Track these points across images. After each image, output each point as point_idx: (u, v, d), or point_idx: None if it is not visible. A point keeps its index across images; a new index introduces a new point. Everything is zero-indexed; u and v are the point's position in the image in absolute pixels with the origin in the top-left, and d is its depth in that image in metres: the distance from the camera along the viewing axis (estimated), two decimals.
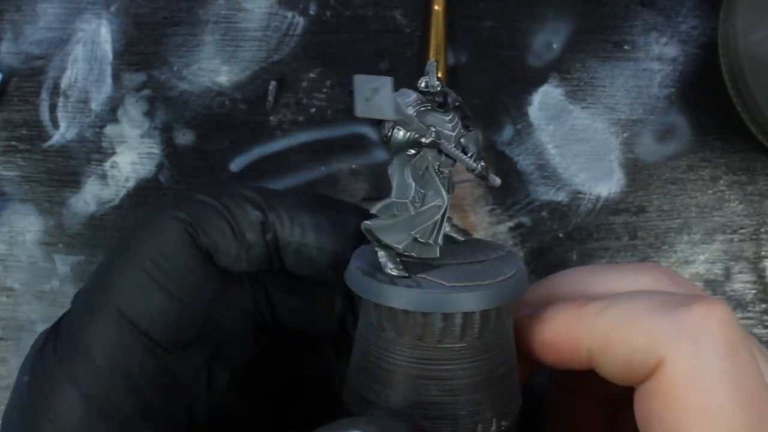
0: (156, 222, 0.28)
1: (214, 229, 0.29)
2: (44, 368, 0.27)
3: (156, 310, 0.27)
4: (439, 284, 0.25)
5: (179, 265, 0.28)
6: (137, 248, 0.28)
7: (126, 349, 0.27)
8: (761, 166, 0.43)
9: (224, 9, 0.44)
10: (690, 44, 0.43)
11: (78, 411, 0.26)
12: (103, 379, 0.27)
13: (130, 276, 0.28)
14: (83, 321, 0.27)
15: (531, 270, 0.43)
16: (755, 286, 0.43)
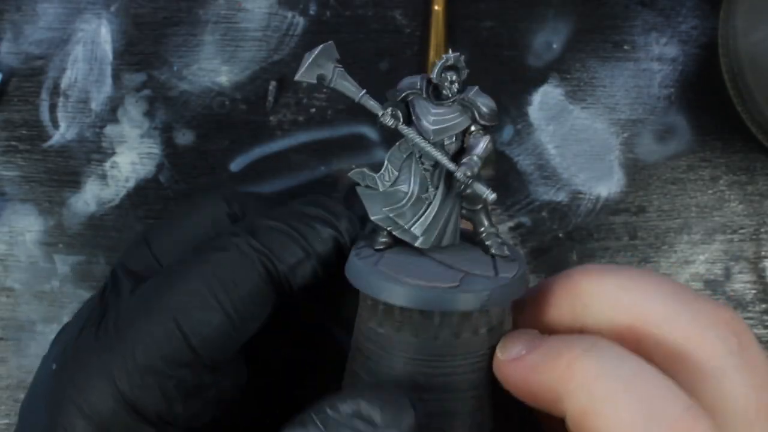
0: (230, 245, 0.29)
1: (289, 256, 0.29)
2: (79, 356, 0.28)
3: (210, 330, 0.28)
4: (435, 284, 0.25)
5: (245, 292, 0.28)
6: (207, 267, 0.28)
7: (171, 358, 0.27)
8: (761, 166, 0.43)
9: (224, 9, 0.44)
10: (690, 44, 0.43)
11: (109, 404, 0.27)
12: (140, 380, 0.27)
13: (196, 291, 0.28)
14: (135, 318, 0.28)
15: (531, 270, 0.43)
16: (755, 286, 0.43)
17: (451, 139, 0.27)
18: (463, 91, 0.27)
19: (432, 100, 0.27)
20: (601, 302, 0.26)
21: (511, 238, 0.43)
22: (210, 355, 0.28)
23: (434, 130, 0.27)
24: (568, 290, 0.27)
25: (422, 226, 0.27)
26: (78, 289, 0.44)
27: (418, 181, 0.27)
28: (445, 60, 0.27)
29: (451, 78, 0.27)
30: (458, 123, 0.27)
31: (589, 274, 0.27)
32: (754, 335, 0.25)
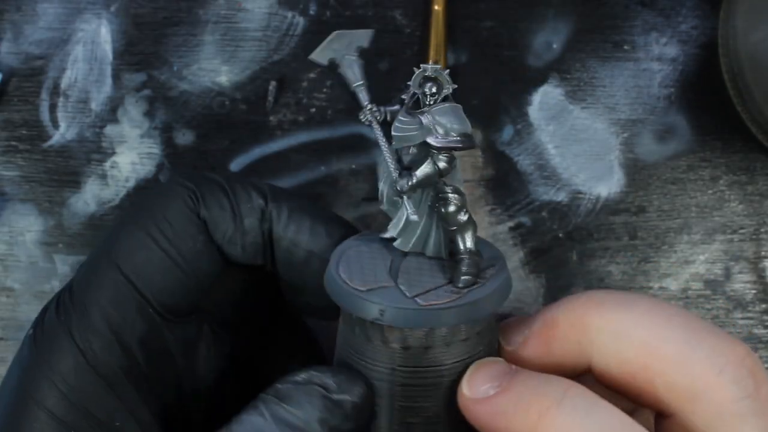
0: (163, 187, 0.29)
1: (214, 203, 0.29)
2: (45, 323, 0.28)
3: (153, 270, 0.28)
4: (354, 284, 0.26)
5: (180, 230, 0.29)
6: (143, 210, 0.29)
7: (120, 304, 0.27)
8: (761, 166, 0.43)
9: (224, 9, 0.44)
10: (690, 44, 0.43)
11: (70, 363, 0.27)
12: (96, 332, 0.27)
13: (132, 235, 0.28)
14: (85, 277, 0.28)
15: (531, 270, 0.43)
16: (755, 286, 0.43)
17: (411, 149, 0.26)
18: (439, 104, 0.26)
19: (407, 107, 0.27)
20: (609, 338, 0.25)
21: (511, 238, 0.43)
22: (159, 299, 0.28)
23: (393, 137, 0.26)
24: (573, 324, 0.26)
25: (395, 227, 0.28)
26: None
27: (389, 182, 0.27)
28: (422, 70, 0.26)
29: (429, 89, 0.26)
30: (413, 135, 0.26)
31: (596, 306, 0.26)
32: (766, 372, 0.24)
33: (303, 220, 0.30)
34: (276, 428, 0.25)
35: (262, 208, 0.30)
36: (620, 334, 0.25)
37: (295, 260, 0.30)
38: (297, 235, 0.30)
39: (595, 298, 0.26)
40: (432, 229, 0.28)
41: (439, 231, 0.28)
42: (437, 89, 0.26)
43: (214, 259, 0.30)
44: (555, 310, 0.27)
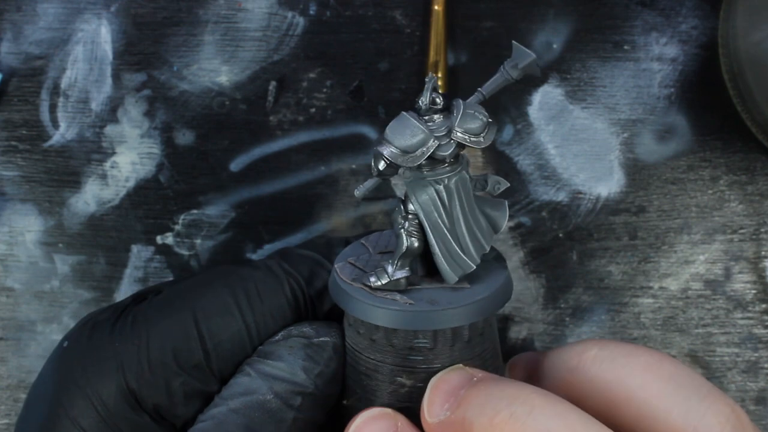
0: (263, 265, 0.29)
1: (319, 281, 0.30)
2: (93, 340, 0.28)
3: (225, 336, 0.28)
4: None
5: (267, 308, 0.29)
6: (237, 275, 0.29)
7: (182, 356, 0.28)
8: (761, 166, 0.43)
9: (224, 9, 0.44)
10: (690, 44, 0.43)
11: (112, 389, 0.27)
12: (148, 372, 0.27)
13: (219, 295, 0.28)
14: (155, 314, 0.28)
15: (531, 270, 0.43)
16: (755, 286, 0.43)
17: None
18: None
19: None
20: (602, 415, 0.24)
21: (511, 238, 0.43)
22: (220, 363, 0.28)
23: None
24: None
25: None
26: (78, 289, 0.44)
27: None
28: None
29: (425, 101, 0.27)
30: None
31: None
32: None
33: None
34: (263, 383, 0.26)
35: None
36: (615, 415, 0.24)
37: None
38: None
39: (514, 421, 0.22)
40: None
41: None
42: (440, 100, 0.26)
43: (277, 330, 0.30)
44: (474, 411, 0.24)
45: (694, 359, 0.43)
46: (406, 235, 0.26)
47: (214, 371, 0.28)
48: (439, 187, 0.26)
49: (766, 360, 0.43)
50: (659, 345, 0.43)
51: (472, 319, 0.26)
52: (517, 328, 0.43)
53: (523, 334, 0.43)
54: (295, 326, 0.27)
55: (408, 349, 0.26)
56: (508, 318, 0.43)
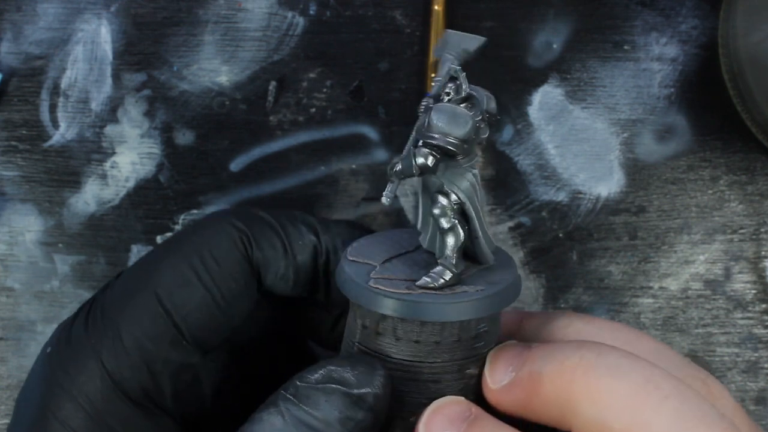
0: (213, 224, 0.29)
1: (266, 244, 0.29)
2: (71, 340, 0.28)
3: (193, 307, 0.28)
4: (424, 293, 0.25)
5: (226, 271, 0.29)
6: (189, 244, 0.29)
7: (155, 336, 0.28)
8: (761, 166, 0.43)
9: (224, 9, 0.44)
10: (690, 44, 0.43)
11: (97, 386, 0.27)
12: (127, 359, 0.27)
13: (177, 268, 0.28)
14: (120, 301, 0.28)
15: (531, 270, 0.43)
16: (755, 286, 0.43)
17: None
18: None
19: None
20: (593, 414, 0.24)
21: (511, 238, 0.43)
22: (194, 333, 0.28)
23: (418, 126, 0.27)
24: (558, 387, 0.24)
25: (418, 221, 0.28)
26: (78, 289, 0.44)
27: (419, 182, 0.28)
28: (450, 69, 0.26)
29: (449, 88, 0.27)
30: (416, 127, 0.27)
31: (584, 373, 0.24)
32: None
33: None
34: (295, 430, 0.24)
35: (314, 243, 0.30)
36: (605, 412, 0.23)
37: None
38: None
39: (586, 361, 0.24)
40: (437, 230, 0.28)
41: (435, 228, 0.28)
42: (456, 90, 0.26)
43: (252, 298, 0.30)
44: (542, 362, 0.25)
45: (694, 359, 0.43)
46: (460, 225, 0.26)
47: (191, 343, 0.28)
48: (474, 172, 0.26)
49: (766, 360, 0.43)
50: None
51: (518, 294, 0.27)
52: None
53: None
54: (337, 365, 0.25)
55: (473, 338, 0.26)
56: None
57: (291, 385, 0.25)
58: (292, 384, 0.25)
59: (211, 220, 0.30)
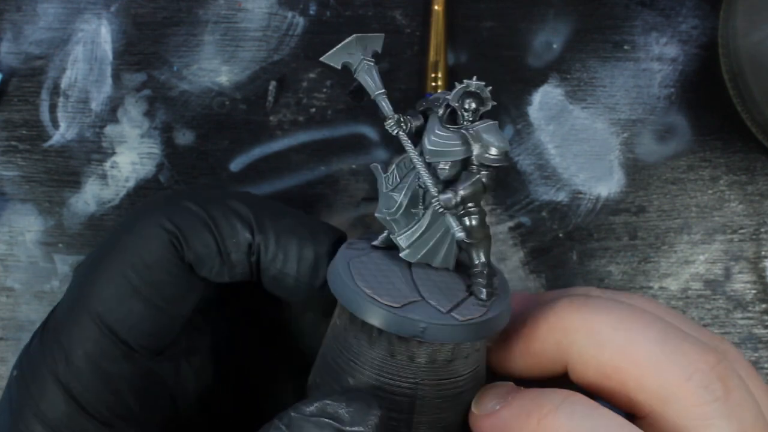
0: (142, 228, 0.28)
1: (199, 244, 0.28)
2: (30, 363, 0.28)
3: (135, 319, 0.27)
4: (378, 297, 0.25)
5: (162, 276, 0.28)
6: (121, 254, 0.28)
7: (104, 353, 0.27)
8: (761, 166, 0.43)
9: (224, 9, 0.44)
10: (690, 44, 0.43)
11: (61, 407, 0.27)
12: (84, 380, 0.27)
13: (112, 283, 0.27)
14: (64, 322, 0.28)
15: (531, 270, 0.43)
16: (755, 286, 0.43)
17: (446, 164, 0.26)
18: (479, 120, 0.26)
19: (443, 121, 0.26)
20: (587, 341, 0.26)
21: (511, 238, 0.43)
22: (142, 344, 0.28)
23: (429, 151, 0.26)
24: (553, 325, 0.27)
25: (408, 239, 0.27)
26: None
27: (409, 194, 0.27)
28: (465, 85, 0.26)
29: (469, 105, 0.26)
30: (455, 151, 0.26)
31: (577, 309, 0.27)
32: (740, 379, 0.25)
33: (290, 246, 0.29)
34: None
35: (249, 241, 0.29)
36: (597, 338, 0.26)
37: (283, 285, 0.29)
38: (285, 265, 0.29)
39: (576, 302, 0.27)
40: (446, 241, 0.27)
41: (452, 243, 0.27)
42: (477, 105, 0.26)
43: (197, 293, 0.29)
44: (536, 308, 0.28)
45: None
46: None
47: (144, 354, 0.28)
48: None
49: (766, 360, 0.43)
50: None
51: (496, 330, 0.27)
52: None
53: None
54: (333, 400, 0.25)
55: (429, 363, 0.26)
56: None
57: (285, 415, 0.25)
58: (286, 414, 0.25)
59: (139, 222, 0.28)
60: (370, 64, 0.26)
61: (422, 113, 0.27)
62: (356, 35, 0.26)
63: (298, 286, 0.29)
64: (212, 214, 0.29)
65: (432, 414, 0.26)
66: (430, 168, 0.26)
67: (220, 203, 0.29)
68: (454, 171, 0.26)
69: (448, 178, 0.26)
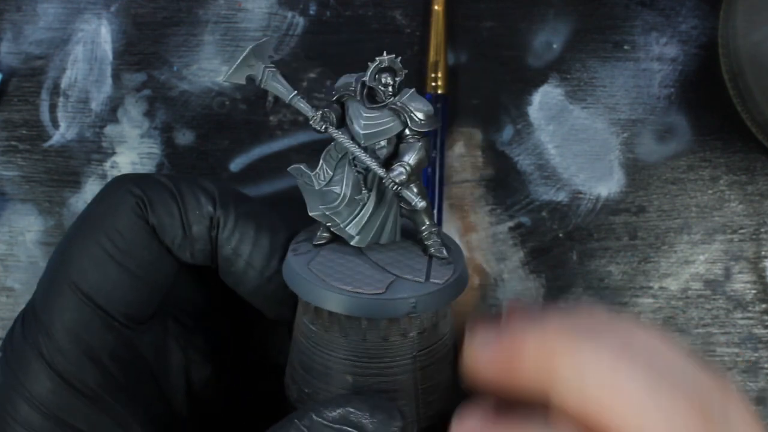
0: (112, 196, 0.29)
1: (162, 210, 0.29)
2: (14, 345, 0.28)
3: (111, 285, 0.28)
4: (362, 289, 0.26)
5: (133, 240, 0.28)
6: (92, 222, 0.28)
7: (84, 323, 0.27)
8: (761, 166, 0.43)
9: (224, 9, 0.44)
10: (690, 44, 0.43)
11: (46, 384, 0.27)
12: (66, 353, 0.27)
13: (86, 250, 0.28)
14: (42, 296, 0.28)
15: (531, 270, 0.43)
16: (755, 286, 0.43)
17: (384, 143, 0.27)
18: (397, 95, 0.26)
19: (365, 103, 0.27)
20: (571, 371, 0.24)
21: (511, 238, 0.43)
22: (121, 311, 0.28)
23: (365, 135, 0.26)
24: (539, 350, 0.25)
25: (357, 225, 0.27)
26: None
27: (350, 183, 0.27)
28: (378, 63, 0.26)
29: (385, 80, 0.26)
30: (390, 128, 0.26)
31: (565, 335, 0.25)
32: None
33: (248, 229, 0.29)
34: None
35: (211, 215, 0.29)
36: (582, 372, 0.24)
37: (233, 269, 0.30)
38: (239, 245, 0.29)
39: (567, 326, 0.25)
40: (390, 218, 0.28)
41: (396, 216, 0.28)
42: (392, 78, 0.26)
43: (169, 263, 0.29)
44: (523, 327, 0.26)
45: None
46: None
47: (124, 322, 0.28)
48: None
49: (766, 360, 0.43)
50: None
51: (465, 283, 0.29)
52: None
53: None
54: (356, 408, 0.25)
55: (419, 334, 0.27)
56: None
57: (306, 416, 0.24)
58: (307, 416, 0.24)
59: (108, 189, 0.29)
60: (273, 70, 0.27)
61: (336, 102, 0.27)
62: (250, 47, 0.26)
63: (248, 272, 0.29)
64: (179, 186, 0.29)
65: (431, 381, 0.27)
66: (367, 151, 0.26)
67: (187, 180, 0.30)
68: (391, 147, 0.27)
69: (387, 156, 0.27)
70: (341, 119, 0.27)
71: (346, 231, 0.27)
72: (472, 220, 0.43)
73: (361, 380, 0.26)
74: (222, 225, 0.29)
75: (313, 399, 0.27)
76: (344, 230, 0.28)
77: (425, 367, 0.27)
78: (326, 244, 0.28)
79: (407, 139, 0.27)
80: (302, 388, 0.28)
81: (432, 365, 0.27)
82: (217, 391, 0.32)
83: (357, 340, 0.26)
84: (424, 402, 0.27)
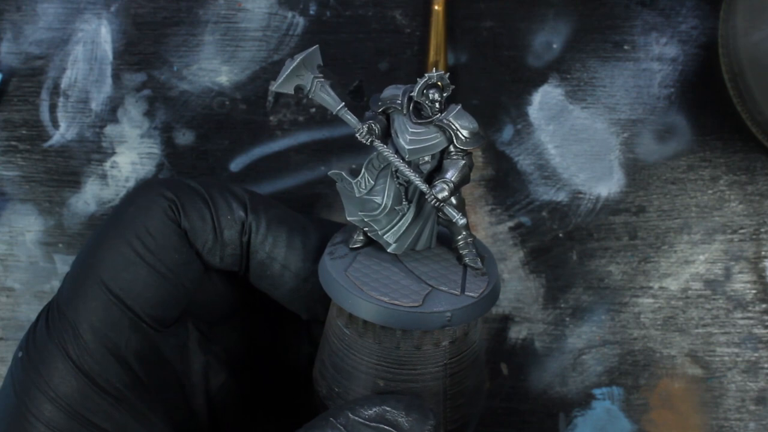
0: (144, 198, 0.29)
1: (194, 214, 0.29)
2: (37, 343, 0.28)
3: (141, 286, 0.28)
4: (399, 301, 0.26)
5: (164, 243, 0.28)
6: (124, 223, 0.28)
7: (112, 323, 0.27)
8: (761, 166, 0.43)
9: (224, 9, 0.44)
10: (690, 44, 0.43)
11: (72, 383, 0.27)
12: (92, 352, 0.27)
13: (116, 251, 0.28)
14: (70, 295, 0.28)
15: (531, 270, 0.43)
16: (755, 286, 0.43)
17: (428, 158, 0.27)
18: (444, 110, 0.26)
19: (411, 118, 0.27)
20: None
21: (511, 238, 0.43)
22: (149, 313, 0.28)
23: (410, 150, 0.26)
24: None
25: (395, 234, 0.28)
26: None
27: (392, 195, 0.27)
28: (427, 78, 0.26)
29: (432, 96, 0.26)
30: (435, 144, 0.26)
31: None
32: None
33: (280, 232, 0.30)
34: None
35: (243, 220, 0.29)
36: None
37: (269, 273, 0.30)
38: (274, 249, 0.29)
39: None
40: (427, 226, 0.28)
41: (433, 225, 0.28)
42: (440, 94, 0.26)
43: (197, 266, 0.30)
44: None
45: (694, 359, 0.43)
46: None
47: (151, 324, 0.28)
48: None
49: (766, 360, 0.43)
50: (659, 345, 0.43)
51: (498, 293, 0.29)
52: (517, 327, 0.43)
53: (523, 334, 0.43)
54: (392, 407, 0.25)
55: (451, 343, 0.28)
56: (508, 318, 0.43)
57: (342, 414, 0.25)
58: (342, 414, 0.25)
59: (140, 192, 0.29)
60: (322, 81, 0.27)
61: (383, 113, 0.27)
62: (300, 56, 0.26)
63: (284, 275, 0.30)
64: (210, 191, 0.29)
65: (459, 386, 0.27)
66: (411, 165, 0.26)
67: (218, 185, 0.30)
68: (435, 162, 0.27)
69: (431, 170, 0.27)
70: (386, 130, 0.27)
71: (384, 239, 0.28)
72: (473, 220, 0.43)
73: (392, 385, 0.27)
74: (254, 230, 0.29)
75: (343, 398, 0.27)
76: (382, 237, 0.28)
77: (455, 373, 0.27)
78: (362, 248, 0.28)
79: (451, 155, 0.27)
80: (332, 386, 0.28)
81: (461, 371, 0.27)
82: (236, 397, 0.32)
83: (390, 347, 0.26)
84: (452, 406, 0.27)
